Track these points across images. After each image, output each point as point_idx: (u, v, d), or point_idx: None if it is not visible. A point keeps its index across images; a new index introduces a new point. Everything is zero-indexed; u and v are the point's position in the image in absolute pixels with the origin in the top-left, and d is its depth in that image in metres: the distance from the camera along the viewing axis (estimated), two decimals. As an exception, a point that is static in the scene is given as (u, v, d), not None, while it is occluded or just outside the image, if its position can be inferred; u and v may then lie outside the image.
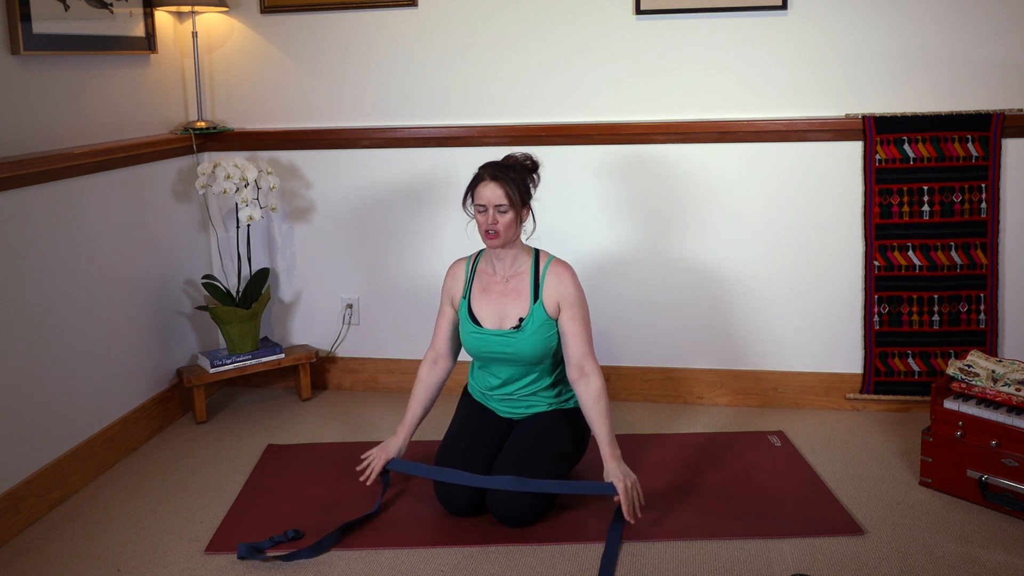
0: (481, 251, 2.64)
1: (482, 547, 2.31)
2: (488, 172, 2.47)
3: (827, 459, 2.78)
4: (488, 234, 2.46)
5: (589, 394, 2.44)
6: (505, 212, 2.44)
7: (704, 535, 2.34)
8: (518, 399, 2.60)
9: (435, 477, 2.48)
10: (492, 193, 2.44)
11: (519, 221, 2.50)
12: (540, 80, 3.20)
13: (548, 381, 2.60)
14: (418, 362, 3.41)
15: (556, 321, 2.52)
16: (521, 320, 2.51)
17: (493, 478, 2.39)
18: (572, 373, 2.48)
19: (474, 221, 2.52)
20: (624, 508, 2.29)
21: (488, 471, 2.44)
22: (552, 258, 2.56)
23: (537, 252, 2.57)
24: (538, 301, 2.51)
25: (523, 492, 2.34)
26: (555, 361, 2.61)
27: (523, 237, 2.58)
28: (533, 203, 2.57)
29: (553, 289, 2.51)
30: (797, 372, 3.22)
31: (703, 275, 3.22)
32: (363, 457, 2.60)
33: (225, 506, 2.57)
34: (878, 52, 3.00)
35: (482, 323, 2.55)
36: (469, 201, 2.52)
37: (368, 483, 2.54)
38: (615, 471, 2.35)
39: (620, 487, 2.31)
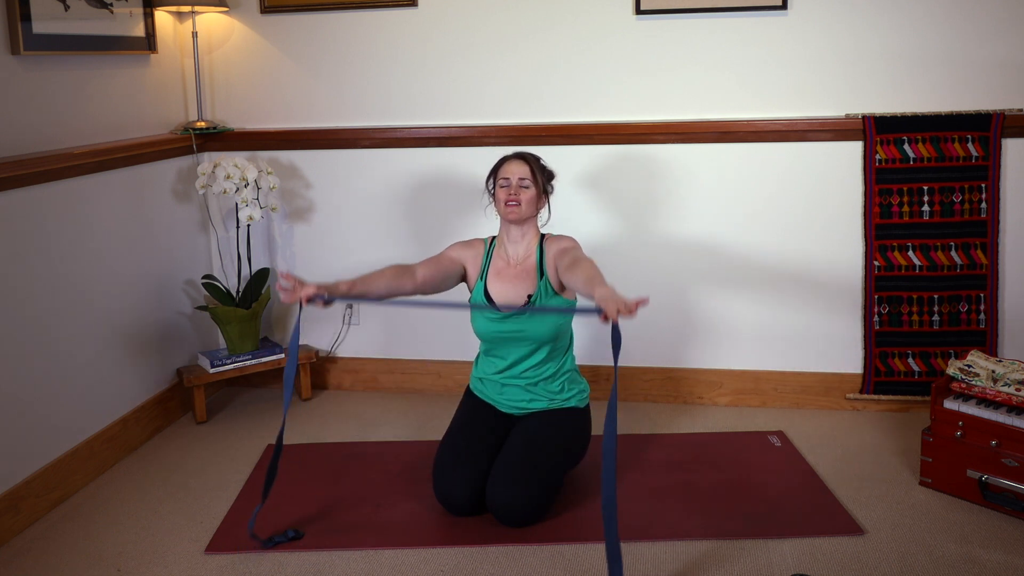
0: (494, 238, 2.68)
1: (482, 547, 2.31)
2: (514, 153, 2.62)
3: (827, 459, 2.78)
4: (508, 204, 2.53)
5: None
6: (527, 188, 2.55)
7: (704, 535, 2.34)
8: (523, 387, 2.60)
9: (367, 300, 2.40)
10: (517, 168, 2.56)
11: (538, 204, 2.59)
12: (540, 80, 3.20)
13: (552, 368, 2.60)
14: (418, 361, 3.47)
15: (563, 296, 2.55)
16: (529, 296, 2.54)
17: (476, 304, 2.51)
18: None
19: (492, 207, 2.63)
20: (610, 313, 2.01)
21: (488, 468, 2.44)
22: (552, 234, 2.63)
23: (543, 236, 2.64)
24: (543, 277, 2.55)
25: (523, 492, 2.34)
26: (561, 347, 2.62)
27: (539, 222, 2.66)
28: None
29: (551, 256, 2.55)
30: (797, 372, 3.22)
31: (703, 275, 3.22)
32: (286, 276, 2.27)
33: (225, 506, 2.57)
34: (878, 52, 3.00)
35: (496, 305, 2.59)
36: (491, 182, 2.62)
37: (285, 300, 2.25)
38: (605, 294, 2.06)
39: (610, 307, 2.01)
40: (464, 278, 2.68)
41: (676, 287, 3.24)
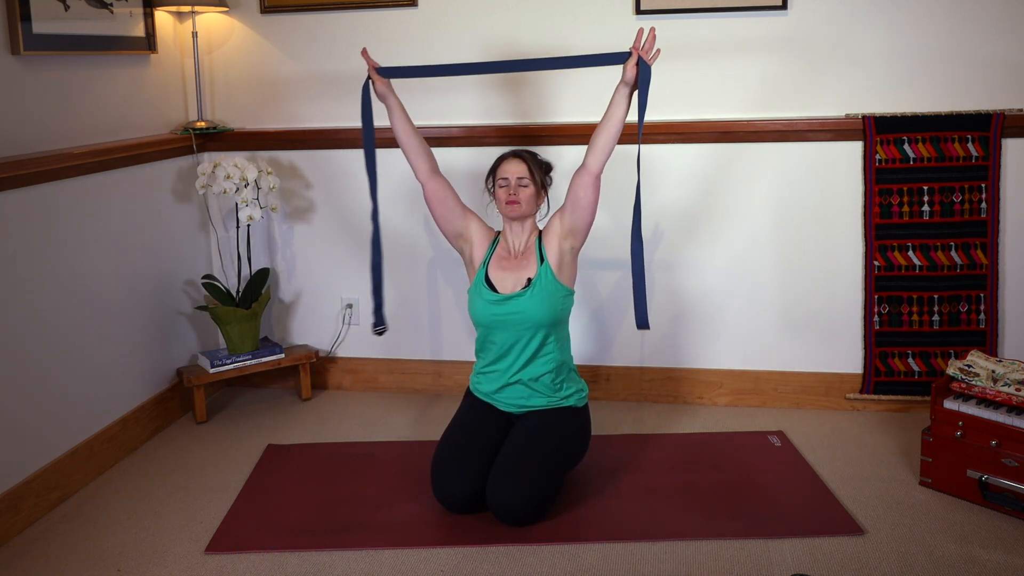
0: (499, 233, 2.71)
1: (482, 547, 2.31)
2: (511, 151, 2.66)
3: (827, 459, 2.78)
4: (509, 203, 2.58)
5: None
6: (526, 186, 2.59)
7: (704, 535, 2.34)
8: (525, 382, 2.59)
9: (426, 74, 2.75)
10: (516, 167, 2.60)
11: (538, 200, 2.64)
12: (540, 80, 3.20)
13: (551, 361, 2.59)
14: (418, 361, 3.47)
15: (562, 284, 2.58)
16: (530, 280, 2.57)
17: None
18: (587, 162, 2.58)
19: (493, 204, 2.68)
20: (635, 46, 2.49)
21: (487, 467, 2.44)
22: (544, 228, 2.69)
23: (540, 231, 2.69)
24: (544, 262, 2.58)
25: (524, 490, 2.34)
26: (559, 338, 2.62)
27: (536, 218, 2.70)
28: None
29: (549, 233, 2.62)
30: (797, 372, 3.22)
31: (702, 275, 3.22)
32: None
33: (225, 506, 2.57)
34: (878, 52, 3.00)
35: (496, 290, 2.60)
36: (490, 181, 2.67)
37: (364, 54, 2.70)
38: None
39: (635, 43, 2.48)
40: (462, 246, 2.69)
41: (676, 287, 3.24)
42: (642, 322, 2.52)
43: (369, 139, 2.68)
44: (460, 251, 2.72)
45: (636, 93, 2.50)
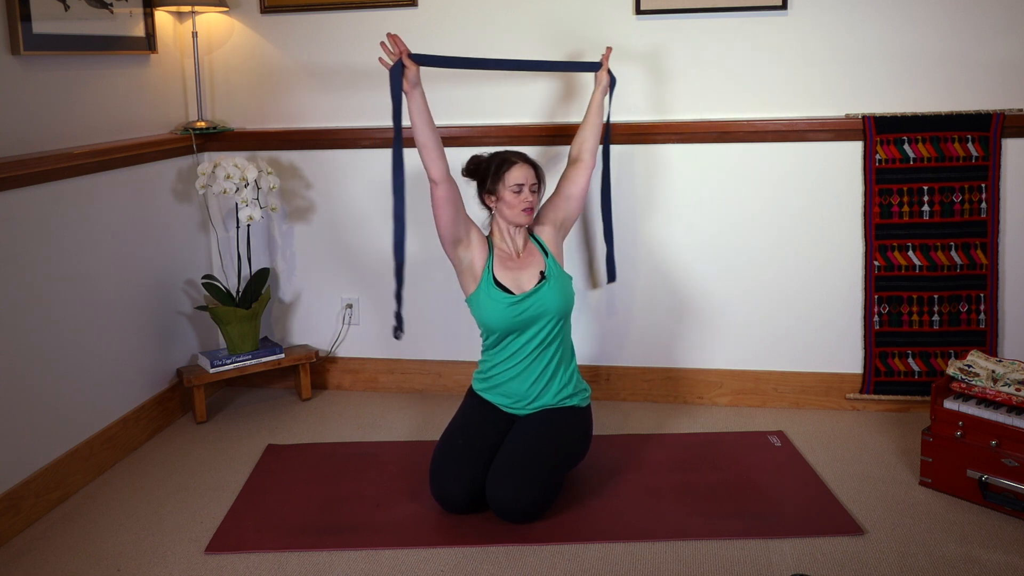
0: (488, 236, 2.71)
1: (482, 547, 2.31)
2: (519, 157, 2.66)
3: (827, 459, 2.78)
4: (525, 211, 2.61)
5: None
6: (536, 192, 2.63)
7: (704, 535, 2.34)
8: (533, 380, 2.59)
9: (456, 65, 2.71)
10: (528, 173, 2.63)
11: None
12: (540, 80, 3.20)
13: (559, 356, 2.61)
14: (418, 361, 3.47)
15: (565, 271, 2.68)
16: (542, 273, 2.61)
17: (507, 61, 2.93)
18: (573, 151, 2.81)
19: (491, 206, 2.67)
20: (604, 60, 2.81)
21: (486, 468, 2.44)
22: (533, 226, 2.75)
23: (530, 228, 2.74)
24: (549, 255, 2.65)
25: (524, 488, 2.34)
26: (564, 334, 2.65)
27: None
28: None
29: (544, 224, 2.71)
30: (797, 372, 3.22)
31: (703, 274, 3.22)
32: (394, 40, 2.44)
33: (225, 506, 2.57)
34: (878, 52, 3.00)
35: (510, 291, 2.60)
36: (495, 184, 2.62)
37: (385, 39, 2.45)
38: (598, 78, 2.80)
39: (603, 60, 2.79)
40: (461, 254, 2.62)
41: (676, 287, 3.24)
42: (611, 276, 3.01)
43: (398, 129, 2.48)
44: (457, 259, 2.63)
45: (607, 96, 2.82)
